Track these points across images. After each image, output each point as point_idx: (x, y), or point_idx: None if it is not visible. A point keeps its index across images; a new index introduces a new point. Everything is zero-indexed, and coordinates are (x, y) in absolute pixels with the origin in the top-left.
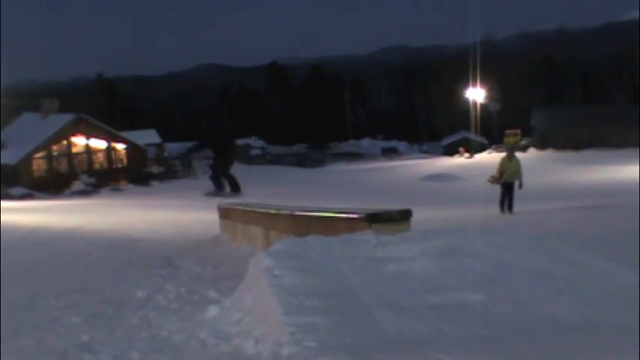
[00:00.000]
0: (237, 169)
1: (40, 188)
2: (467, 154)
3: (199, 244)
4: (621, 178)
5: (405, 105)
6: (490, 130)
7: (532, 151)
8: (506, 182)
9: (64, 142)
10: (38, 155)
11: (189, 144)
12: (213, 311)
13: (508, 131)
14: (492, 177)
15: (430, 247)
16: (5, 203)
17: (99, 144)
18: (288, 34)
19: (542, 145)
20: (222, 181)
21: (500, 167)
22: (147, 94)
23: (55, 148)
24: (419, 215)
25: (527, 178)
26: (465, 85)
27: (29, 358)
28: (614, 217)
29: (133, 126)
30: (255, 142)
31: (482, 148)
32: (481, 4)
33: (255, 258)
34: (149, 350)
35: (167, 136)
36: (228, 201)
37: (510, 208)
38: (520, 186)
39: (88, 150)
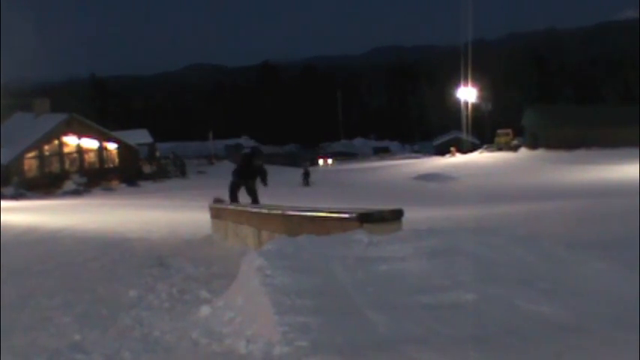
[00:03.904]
0: (228, 169)
1: (32, 188)
2: (458, 154)
3: (191, 243)
4: (613, 178)
5: (397, 105)
6: (482, 129)
7: (523, 151)
8: None
9: (56, 142)
10: (30, 155)
11: (181, 143)
12: (205, 311)
13: (500, 131)
14: None
15: (422, 247)
16: None
17: (91, 144)
18: (281, 33)
19: (533, 144)
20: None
21: None
22: (139, 94)
23: (46, 147)
24: (411, 215)
25: (519, 177)
26: (457, 85)
27: (21, 358)
28: (608, 217)
29: (125, 126)
30: (246, 142)
31: (473, 148)
32: (472, 5)
33: (247, 258)
34: (141, 350)
35: (159, 135)
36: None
37: None
38: None
39: (80, 150)
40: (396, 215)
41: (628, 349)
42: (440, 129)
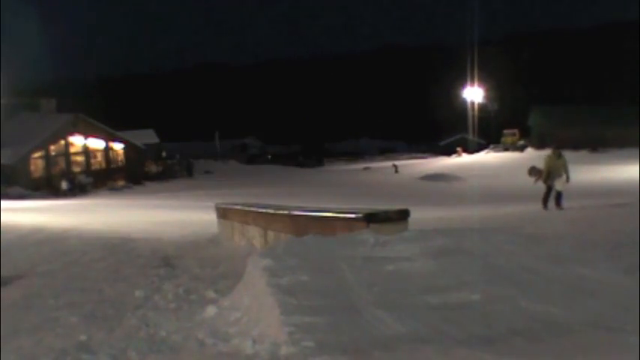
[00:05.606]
0: (235, 169)
1: (38, 188)
2: (464, 154)
3: (197, 244)
4: (617, 178)
5: (403, 105)
6: (488, 130)
7: (530, 151)
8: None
9: (62, 142)
10: (36, 155)
11: (187, 143)
12: (211, 311)
13: (506, 131)
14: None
15: (428, 247)
16: (3, 203)
17: (97, 144)
18: (286, 33)
19: (539, 145)
20: None
21: (546, 166)
22: (145, 94)
23: (52, 147)
24: (417, 215)
25: (525, 178)
26: (463, 85)
27: (28, 358)
28: (612, 217)
29: (131, 126)
30: (253, 142)
31: (479, 148)
32: (478, 5)
33: (253, 258)
34: (147, 350)
35: (165, 135)
36: (226, 201)
37: (559, 203)
38: (568, 179)
39: (86, 150)
40: (403, 215)
41: (629, 350)
42: (446, 129)
